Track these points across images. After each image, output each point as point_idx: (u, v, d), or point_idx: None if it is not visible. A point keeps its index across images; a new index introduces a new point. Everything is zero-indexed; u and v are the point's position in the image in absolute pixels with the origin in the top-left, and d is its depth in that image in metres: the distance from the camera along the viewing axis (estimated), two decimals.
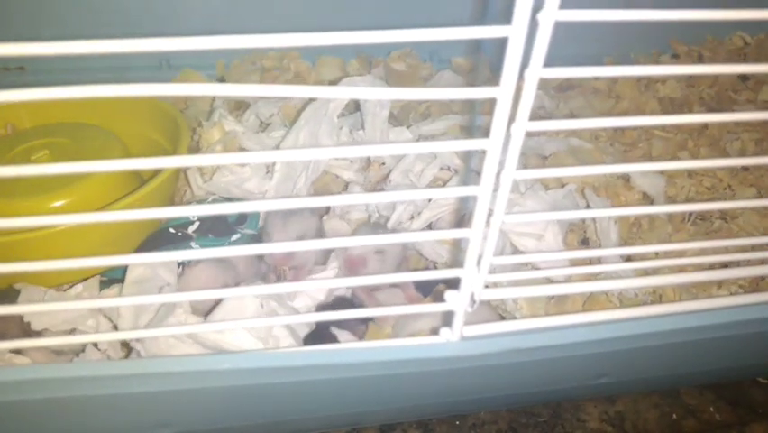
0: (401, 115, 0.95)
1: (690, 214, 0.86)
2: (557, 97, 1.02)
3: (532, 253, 0.52)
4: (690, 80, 1.10)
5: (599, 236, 0.76)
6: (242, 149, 0.78)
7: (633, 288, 0.60)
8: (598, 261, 0.75)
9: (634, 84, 1.08)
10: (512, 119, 0.40)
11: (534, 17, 0.35)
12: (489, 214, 0.44)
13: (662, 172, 0.90)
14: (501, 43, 0.36)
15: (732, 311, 0.57)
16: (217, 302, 0.59)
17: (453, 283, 0.48)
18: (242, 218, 0.71)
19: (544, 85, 1.05)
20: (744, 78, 1.11)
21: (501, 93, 0.38)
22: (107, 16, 0.98)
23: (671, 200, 0.87)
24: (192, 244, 0.68)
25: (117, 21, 0.98)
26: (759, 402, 0.74)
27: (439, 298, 0.50)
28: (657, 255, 0.78)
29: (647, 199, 0.85)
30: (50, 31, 0.96)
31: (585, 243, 0.78)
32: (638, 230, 0.81)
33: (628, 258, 0.78)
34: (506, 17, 0.36)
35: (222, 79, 1.00)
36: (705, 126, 1.00)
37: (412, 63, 1.04)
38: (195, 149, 0.81)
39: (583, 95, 1.04)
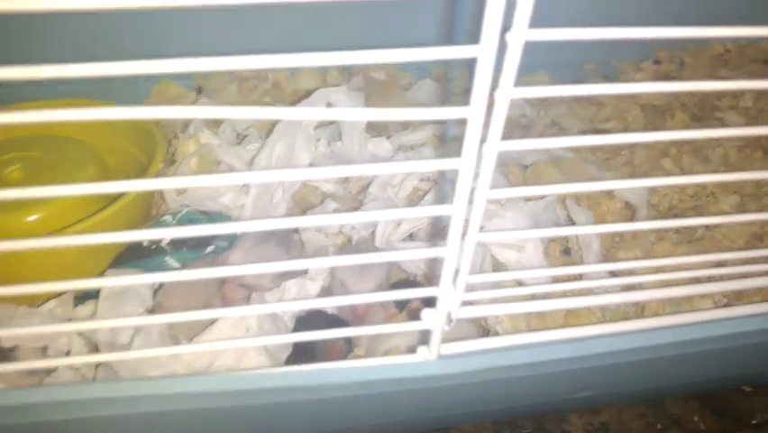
0: (380, 125, 0.94)
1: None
2: (539, 105, 1.02)
3: (510, 271, 0.51)
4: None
5: (581, 246, 0.75)
6: (217, 161, 0.77)
7: (616, 303, 0.59)
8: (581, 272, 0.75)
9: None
10: (484, 138, 0.39)
11: (503, 37, 0.35)
12: (464, 232, 0.43)
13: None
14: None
15: (716, 325, 0.56)
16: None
17: (430, 300, 0.47)
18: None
19: None
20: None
21: (471, 113, 0.37)
22: (85, 35, 0.96)
23: (653, 208, 0.87)
24: (167, 257, 0.67)
25: (97, 39, 0.96)
26: (744, 411, 0.74)
27: (415, 315, 0.49)
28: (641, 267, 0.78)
29: (629, 208, 0.84)
30: (24, 49, 0.94)
31: (567, 252, 0.78)
32: (620, 239, 0.81)
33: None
34: (476, 36, 0.36)
35: (200, 89, 0.99)
36: None
37: (392, 72, 1.03)
38: (170, 161, 0.80)
39: (565, 102, 1.04)
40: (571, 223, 0.77)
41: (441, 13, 1.00)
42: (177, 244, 0.68)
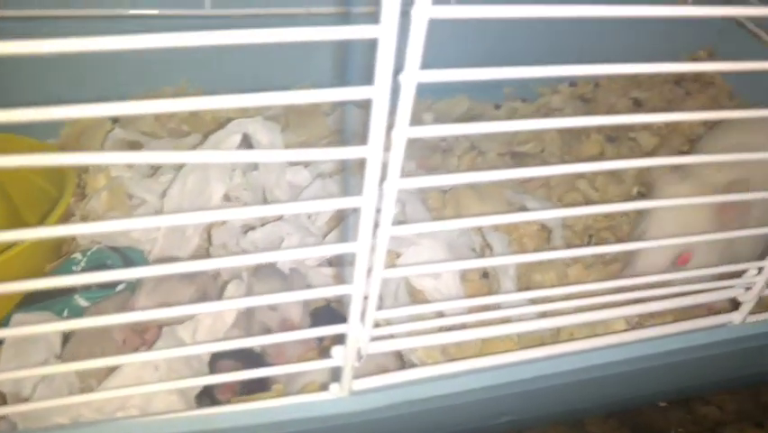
0: None
1: (588, 242, 0.88)
2: (455, 124, 1.03)
3: (423, 304, 0.51)
4: (588, 108, 1.12)
5: (497, 270, 0.76)
6: (129, 195, 0.75)
7: (531, 330, 0.60)
8: (497, 292, 0.75)
9: (533, 113, 1.10)
10: (384, 176, 0.39)
11: (396, 78, 0.35)
12: (370, 269, 0.43)
13: (559, 201, 0.92)
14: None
15: (627, 348, 0.58)
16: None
17: (340, 336, 0.47)
18: (128, 265, 0.69)
19: (445, 117, 1.05)
20: (638, 104, 1.15)
21: (370, 153, 0.37)
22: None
23: (569, 229, 0.88)
24: (76, 296, 0.65)
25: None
26: (660, 426, 0.76)
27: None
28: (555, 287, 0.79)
29: (545, 230, 0.86)
30: None
31: (485, 276, 0.79)
32: (536, 263, 0.82)
33: (527, 288, 0.78)
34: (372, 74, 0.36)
35: (115, 119, 0.97)
36: (601, 154, 1.03)
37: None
38: (81, 195, 0.77)
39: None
40: (488, 247, 0.78)
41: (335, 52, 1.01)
42: (85, 284, 0.66)
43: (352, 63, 0.98)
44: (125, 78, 0.97)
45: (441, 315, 0.55)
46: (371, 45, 0.34)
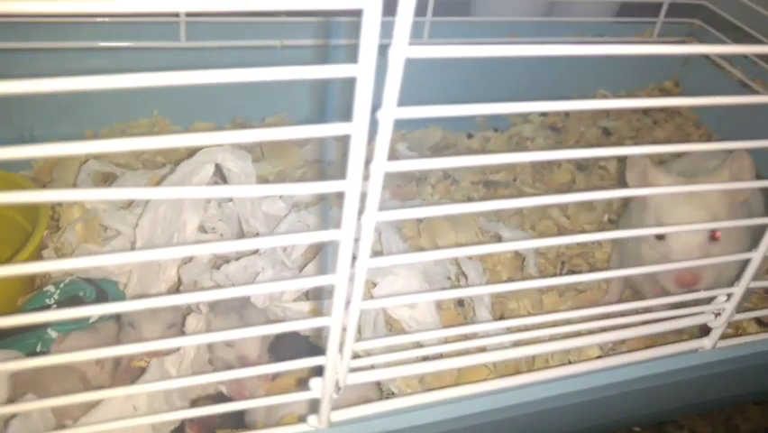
0: (277, 181, 0.94)
1: (561, 269, 0.89)
2: (432, 157, 1.04)
3: (401, 335, 0.51)
4: (558, 137, 1.15)
5: (473, 297, 0.77)
6: (103, 227, 0.75)
7: (507, 360, 0.60)
8: (473, 322, 0.76)
9: (505, 142, 1.11)
10: (362, 210, 0.40)
11: (374, 115, 0.36)
12: (348, 302, 0.44)
13: (533, 229, 0.94)
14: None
15: (604, 374, 0.59)
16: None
17: (318, 368, 0.47)
18: (101, 296, 0.68)
19: (419, 146, 1.07)
20: (607, 133, 1.17)
21: (348, 187, 0.38)
22: None
23: (542, 255, 0.90)
24: (49, 330, 0.64)
25: None
26: None
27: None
28: (529, 313, 0.80)
29: (519, 257, 0.87)
30: None
31: (460, 303, 0.79)
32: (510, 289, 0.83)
33: (501, 318, 0.79)
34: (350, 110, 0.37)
35: None
36: (573, 181, 1.05)
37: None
38: (55, 227, 0.77)
39: (458, 154, 1.07)
40: (463, 275, 0.79)
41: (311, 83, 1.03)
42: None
43: (329, 93, 0.99)
44: (99, 109, 0.97)
45: (419, 345, 0.55)
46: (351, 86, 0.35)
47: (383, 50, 0.34)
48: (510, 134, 1.14)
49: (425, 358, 0.58)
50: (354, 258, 0.42)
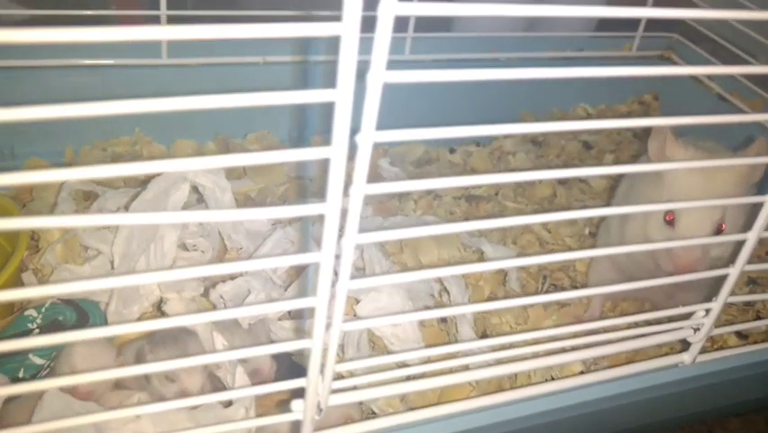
0: (259, 198, 0.94)
1: (543, 283, 0.89)
2: (415, 173, 1.05)
3: (384, 355, 0.51)
4: (539, 151, 1.16)
5: (455, 315, 0.77)
6: (83, 247, 0.74)
7: (489, 377, 0.60)
8: (455, 338, 0.76)
9: (487, 156, 1.12)
10: (342, 232, 0.40)
11: (353, 139, 0.36)
12: (329, 323, 0.44)
13: (514, 243, 0.94)
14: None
15: (587, 390, 0.59)
16: None
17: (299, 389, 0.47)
18: (83, 318, 0.68)
19: (401, 160, 1.07)
20: (587, 146, 1.18)
21: (328, 209, 0.38)
22: None
23: (524, 270, 0.90)
24: (30, 355, 0.64)
25: None
26: None
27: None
28: (512, 328, 0.81)
29: (501, 272, 0.87)
30: None
31: (444, 320, 0.79)
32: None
33: (483, 333, 0.79)
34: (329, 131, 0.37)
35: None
36: (554, 195, 1.06)
37: (270, 145, 1.03)
38: (35, 248, 0.76)
39: (440, 169, 1.07)
40: (446, 291, 0.79)
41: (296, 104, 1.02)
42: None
43: (310, 110, 0.99)
44: (80, 126, 0.96)
45: (403, 364, 0.55)
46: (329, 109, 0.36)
47: (364, 68, 0.34)
48: (492, 149, 1.15)
49: (409, 377, 0.58)
50: (336, 275, 0.42)
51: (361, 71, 0.34)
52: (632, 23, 1.24)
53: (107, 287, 0.41)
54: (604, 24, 1.32)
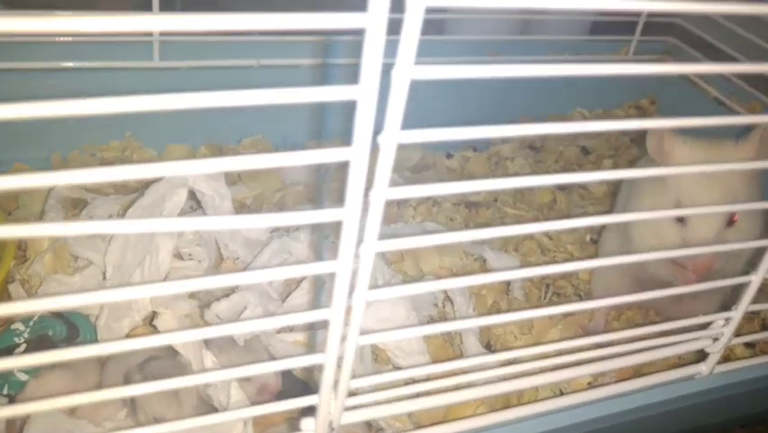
0: (255, 205, 0.91)
1: (546, 292, 0.87)
2: (412, 178, 1.02)
3: (395, 371, 0.49)
4: (537, 156, 1.14)
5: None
6: (73, 256, 0.71)
7: (497, 394, 0.58)
8: (461, 352, 0.74)
9: (485, 162, 1.10)
10: (360, 239, 0.38)
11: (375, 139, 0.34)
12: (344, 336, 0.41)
13: (516, 250, 0.92)
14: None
15: (598, 405, 0.57)
16: None
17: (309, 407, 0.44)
18: (73, 332, 0.65)
19: (398, 167, 1.05)
20: (586, 151, 1.17)
21: (347, 215, 0.36)
22: None
23: (527, 280, 0.88)
24: (16, 372, 0.61)
25: None
26: None
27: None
28: (517, 339, 0.78)
29: (504, 282, 0.85)
30: None
31: (446, 333, 0.77)
32: (497, 314, 0.81)
33: (487, 343, 0.77)
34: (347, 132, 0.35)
35: None
36: (554, 201, 1.04)
37: (264, 150, 1.01)
38: (22, 258, 0.73)
39: (438, 174, 1.05)
40: (448, 300, 0.77)
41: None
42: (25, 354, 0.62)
43: (303, 114, 0.97)
44: (68, 131, 0.93)
45: (412, 380, 0.53)
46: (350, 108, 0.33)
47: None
48: (489, 154, 1.13)
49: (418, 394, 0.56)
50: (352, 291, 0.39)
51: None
52: (629, 27, 1.23)
53: (100, 301, 0.37)
54: (600, 28, 1.30)
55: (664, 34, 1.26)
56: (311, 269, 0.38)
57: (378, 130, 0.34)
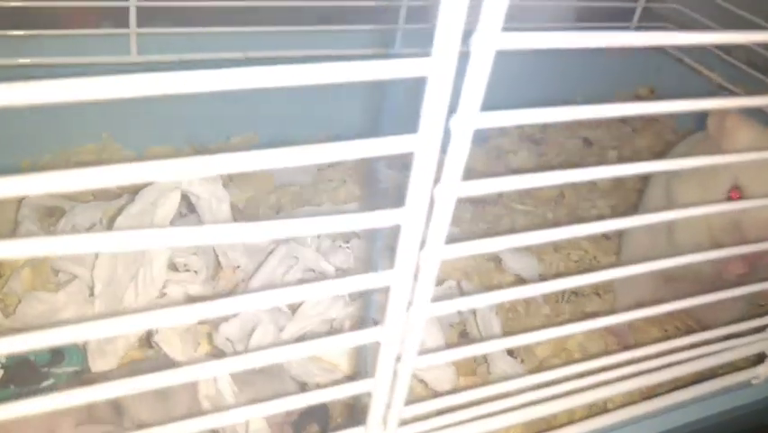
0: (248, 208, 0.84)
1: (564, 291, 0.82)
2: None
3: (443, 397, 0.42)
4: (539, 150, 1.09)
5: (481, 329, 0.69)
6: (54, 271, 0.64)
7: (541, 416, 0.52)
8: (484, 360, 0.68)
9: (485, 155, 1.05)
10: (423, 243, 0.31)
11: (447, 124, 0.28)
12: (398, 359, 0.35)
13: (527, 248, 0.87)
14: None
15: (648, 422, 0.52)
16: None
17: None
18: (57, 356, 0.58)
19: (397, 163, 0.99)
20: (588, 143, 1.12)
21: (407, 218, 0.30)
22: None
23: (543, 278, 0.83)
24: None
25: None
26: None
27: None
28: (540, 343, 0.73)
29: (521, 282, 0.80)
30: None
31: (464, 335, 0.72)
32: (514, 315, 0.77)
33: (510, 351, 0.71)
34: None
35: None
36: (562, 196, 0.99)
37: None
38: None
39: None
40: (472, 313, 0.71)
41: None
42: (3, 381, 0.55)
43: (295, 108, 0.90)
44: (38, 134, 0.85)
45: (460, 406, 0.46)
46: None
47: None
48: (488, 147, 1.07)
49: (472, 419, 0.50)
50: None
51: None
52: (627, 13, 1.18)
53: (93, 335, 0.30)
54: (598, 15, 1.25)
55: (663, 21, 1.22)
56: (363, 282, 0.32)
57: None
